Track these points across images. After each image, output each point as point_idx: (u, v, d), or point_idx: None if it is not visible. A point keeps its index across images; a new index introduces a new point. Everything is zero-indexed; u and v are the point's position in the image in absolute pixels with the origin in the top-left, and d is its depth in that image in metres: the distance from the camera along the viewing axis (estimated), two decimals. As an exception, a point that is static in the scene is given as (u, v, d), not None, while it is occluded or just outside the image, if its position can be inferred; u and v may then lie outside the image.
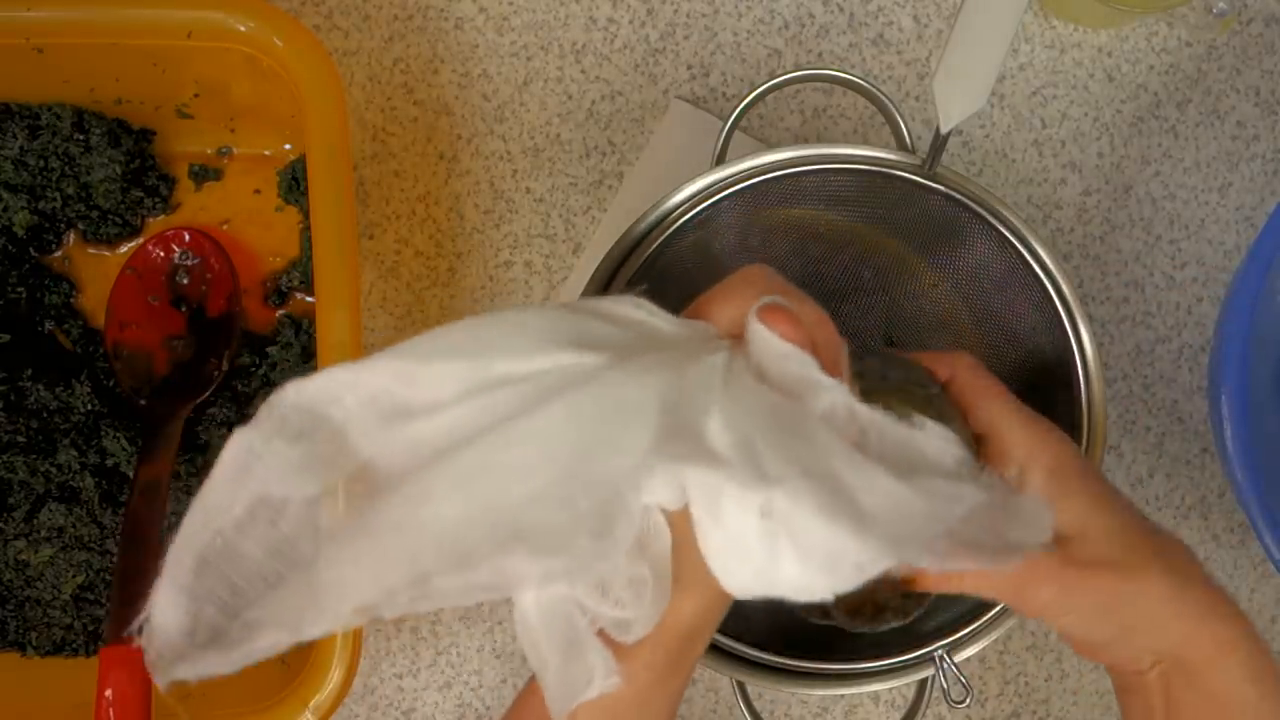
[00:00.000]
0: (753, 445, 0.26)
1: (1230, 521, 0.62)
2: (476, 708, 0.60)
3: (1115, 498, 0.37)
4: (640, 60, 0.60)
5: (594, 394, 0.26)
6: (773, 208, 0.50)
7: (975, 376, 0.39)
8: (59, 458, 0.55)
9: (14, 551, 0.55)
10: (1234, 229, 0.61)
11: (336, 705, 0.47)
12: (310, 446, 0.25)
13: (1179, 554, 0.36)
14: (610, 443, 0.25)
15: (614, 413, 0.26)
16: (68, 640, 0.55)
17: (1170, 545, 0.36)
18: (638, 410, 0.26)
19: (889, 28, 0.61)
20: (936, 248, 0.52)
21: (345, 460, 0.26)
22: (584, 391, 0.25)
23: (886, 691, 0.61)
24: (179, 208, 0.59)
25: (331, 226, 0.48)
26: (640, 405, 0.26)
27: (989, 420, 0.38)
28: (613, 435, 0.25)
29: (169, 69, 0.53)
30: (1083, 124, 0.61)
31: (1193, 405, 0.61)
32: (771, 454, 0.26)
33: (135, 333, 0.57)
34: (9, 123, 0.54)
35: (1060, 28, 0.61)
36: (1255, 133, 0.61)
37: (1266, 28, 0.61)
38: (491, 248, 0.60)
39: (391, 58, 0.60)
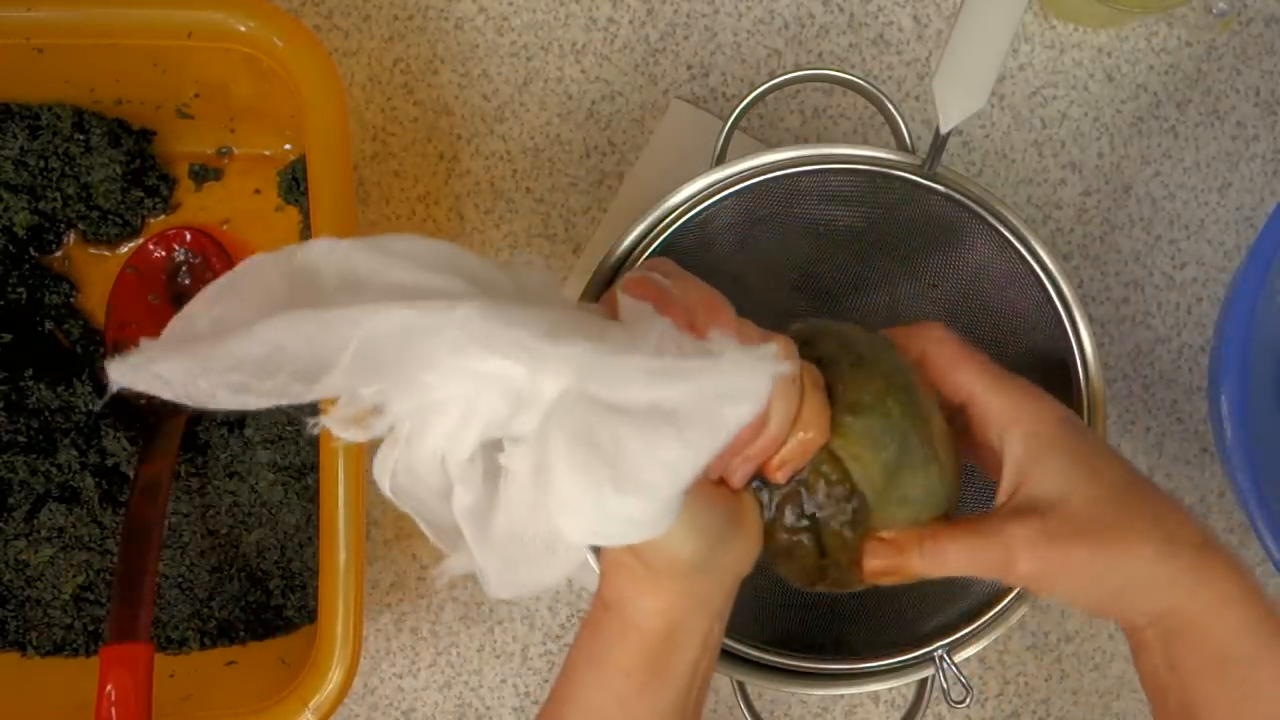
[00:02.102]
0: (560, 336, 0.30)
1: (1230, 521, 0.62)
2: (476, 708, 0.60)
3: (1100, 459, 0.36)
4: (640, 60, 0.60)
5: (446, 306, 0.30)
6: (773, 208, 0.50)
7: (944, 347, 0.39)
8: (59, 457, 0.55)
9: (14, 551, 0.55)
10: (1234, 229, 0.62)
11: (336, 705, 0.47)
12: (295, 294, 0.31)
13: (1170, 513, 0.36)
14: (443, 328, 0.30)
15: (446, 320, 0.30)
16: (68, 640, 0.55)
17: (1160, 505, 0.36)
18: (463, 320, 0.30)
19: (889, 28, 0.61)
20: (936, 248, 0.52)
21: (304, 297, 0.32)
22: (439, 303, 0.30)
23: (886, 691, 0.61)
24: (179, 208, 0.59)
25: (331, 226, 0.48)
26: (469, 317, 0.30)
27: (965, 388, 0.38)
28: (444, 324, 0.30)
29: (169, 69, 0.53)
30: (1083, 124, 0.61)
31: (1193, 405, 0.61)
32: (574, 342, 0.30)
33: (136, 332, 0.57)
34: (9, 123, 0.54)
35: (1060, 28, 0.61)
36: (1255, 133, 0.61)
37: (1266, 28, 0.61)
38: (491, 248, 0.60)
39: (391, 58, 0.60)
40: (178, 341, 0.31)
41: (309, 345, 0.29)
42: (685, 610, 0.34)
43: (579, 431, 0.30)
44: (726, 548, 0.34)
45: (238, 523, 0.57)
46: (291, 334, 0.29)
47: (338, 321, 0.29)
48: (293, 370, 0.29)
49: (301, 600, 0.57)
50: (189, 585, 0.56)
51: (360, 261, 0.32)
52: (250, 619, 0.57)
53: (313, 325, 0.29)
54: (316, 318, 0.29)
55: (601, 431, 0.30)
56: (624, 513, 0.30)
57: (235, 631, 0.56)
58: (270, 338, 0.29)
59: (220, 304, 0.31)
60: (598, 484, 0.29)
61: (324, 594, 0.47)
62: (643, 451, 0.29)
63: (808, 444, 0.35)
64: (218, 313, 0.31)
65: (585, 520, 0.30)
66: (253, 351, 0.29)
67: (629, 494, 0.29)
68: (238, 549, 0.57)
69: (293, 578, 0.57)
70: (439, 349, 0.30)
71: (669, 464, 0.29)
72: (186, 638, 0.56)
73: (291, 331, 0.29)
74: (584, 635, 0.36)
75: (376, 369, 0.30)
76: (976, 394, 0.38)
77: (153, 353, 0.31)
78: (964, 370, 0.38)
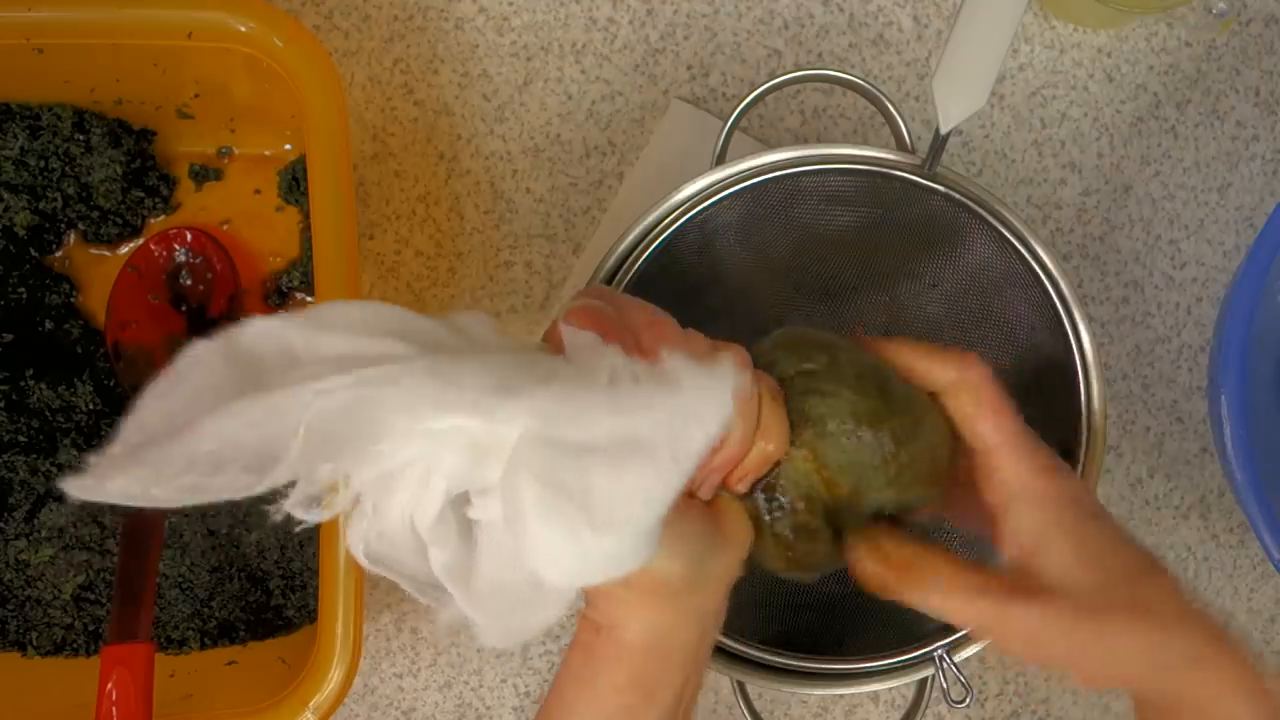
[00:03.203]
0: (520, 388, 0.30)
1: (1230, 521, 0.62)
2: (476, 708, 0.60)
3: (1106, 546, 0.36)
4: (640, 60, 0.60)
5: (390, 373, 0.29)
6: (773, 208, 0.50)
7: (980, 391, 0.38)
8: (60, 457, 0.55)
9: (14, 551, 0.55)
10: (1234, 229, 0.62)
11: (336, 705, 0.47)
12: (240, 373, 0.31)
13: (1178, 599, 0.36)
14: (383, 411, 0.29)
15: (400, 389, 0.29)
16: (68, 640, 0.55)
17: (1169, 591, 0.36)
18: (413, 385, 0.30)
19: (889, 28, 0.61)
20: (936, 248, 0.52)
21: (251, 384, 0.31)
22: (382, 370, 0.30)
23: (886, 691, 0.61)
24: (179, 208, 0.59)
25: (331, 226, 0.48)
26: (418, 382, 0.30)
27: (986, 440, 0.38)
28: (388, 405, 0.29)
29: (169, 69, 0.53)
30: (1082, 124, 0.61)
31: (1193, 405, 0.61)
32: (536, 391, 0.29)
33: (136, 332, 0.57)
34: (9, 123, 0.54)
35: (1060, 28, 0.61)
36: (1255, 133, 0.61)
37: (1266, 28, 0.62)
38: (491, 248, 0.60)
39: (391, 58, 0.60)
40: (131, 447, 0.31)
41: (256, 433, 0.29)
42: (678, 626, 0.34)
43: (545, 475, 0.29)
44: (713, 558, 0.34)
45: (238, 523, 0.57)
46: (236, 424, 0.29)
47: (281, 404, 0.29)
48: (243, 462, 0.29)
49: (302, 600, 0.57)
50: (189, 585, 0.56)
51: (295, 338, 0.31)
52: (250, 619, 0.57)
53: (256, 411, 0.29)
54: (258, 404, 0.29)
55: (568, 473, 0.29)
56: (605, 551, 0.29)
57: (235, 631, 0.56)
58: (215, 431, 0.29)
59: (169, 400, 0.31)
60: (573, 526, 0.29)
61: (324, 594, 0.47)
62: (613, 487, 0.29)
63: (768, 455, 0.35)
64: (167, 409, 0.31)
65: (566, 564, 0.29)
66: (201, 448, 0.29)
67: (607, 532, 0.29)
68: (238, 549, 0.57)
69: (293, 578, 0.57)
70: (389, 416, 0.29)
71: (642, 495, 0.29)
72: (187, 638, 0.56)
73: (235, 422, 0.29)
74: (573, 658, 0.35)
75: (329, 447, 0.29)
76: (994, 451, 0.37)
77: (108, 468, 0.30)
78: (991, 423, 0.38)
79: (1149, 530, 0.61)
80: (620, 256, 0.48)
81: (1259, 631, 0.62)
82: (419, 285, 0.60)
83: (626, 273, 0.48)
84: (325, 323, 0.31)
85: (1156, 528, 0.62)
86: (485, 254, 0.60)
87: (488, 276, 0.60)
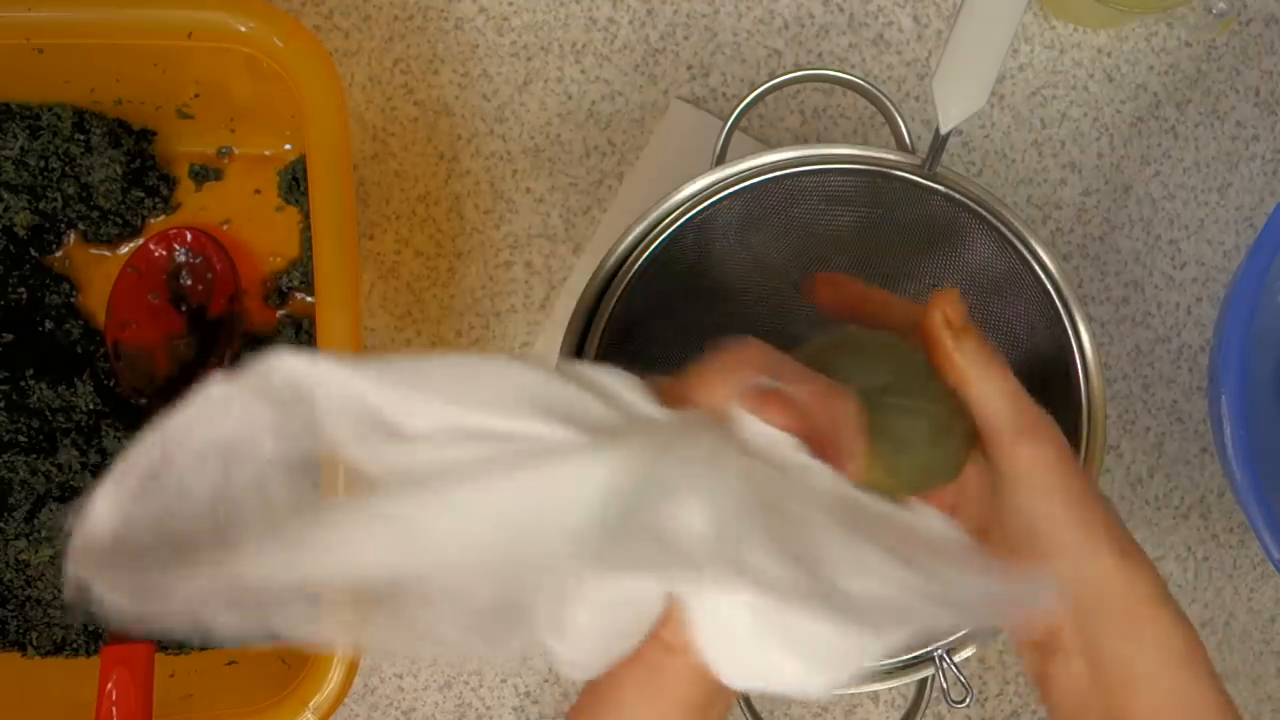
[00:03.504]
0: (733, 533, 0.25)
1: (1230, 521, 0.62)
2: (476, 708, 0.60)
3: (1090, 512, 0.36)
4: (640, 60, 0.60)
5: (556, 474, 0.25)
6: (773, 208, 0.50)
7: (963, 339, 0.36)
8: (60, 457, 0.55)
9: (14, 551, 0.55)
10: (1234, 229, 0.62)
11: (336, 705, 0.47)
12: (287, 418, 0.25)
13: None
14: (552, 532, 0.25)
15: (567, 499, 0.25)
16: (68, 640, 0.56)
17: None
18: (590, 500, 0.25)
19: (889, 28, 0.61)
20: (936, 248, 0.52)
21: (312, 444, 0.26)
22: (546, 469, 0.25)
23: (886, 691, 0.61)
24: (179, 208, 0.59)
25: (331, 226, 0.48)
26: (595, 495, 0.25)
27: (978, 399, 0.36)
28: (558, 524, 0.25)
29: (169, 69, 0.53)
30: (1082, 124, 0.61)
31: (1193, 405, 0.61)
32: (755, 541, 0.25)
33: (136, 332, 0.57)
34: (9, 123, 0.54)
35: (1060, 28, 0.61)
36: (1255, 133, 0.61)
37: (1266, 28, 0.62)
38: (491, 248, 0.60)
39: (391, 58, 0.60)
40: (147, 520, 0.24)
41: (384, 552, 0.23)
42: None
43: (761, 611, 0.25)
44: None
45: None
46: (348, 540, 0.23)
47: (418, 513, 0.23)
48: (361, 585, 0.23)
49: (301, 600, 0.57)
50: (189, 585, 0.56)
51: (369, 391, 0.25)
52: (250, 619, 0.57)
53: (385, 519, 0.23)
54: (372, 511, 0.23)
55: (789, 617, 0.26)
56: (798, 681, 0.27)
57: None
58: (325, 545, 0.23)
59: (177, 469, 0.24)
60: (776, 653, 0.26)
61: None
62: (833, 640, 0.26)
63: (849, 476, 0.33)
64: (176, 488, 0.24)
65: (746, 675, 0.27)
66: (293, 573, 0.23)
67: (816, 674, 0.26)
68: (238, 549, 0.57)
69: (293, 578, 0.57)
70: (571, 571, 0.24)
71: (862, 654, 0.26)
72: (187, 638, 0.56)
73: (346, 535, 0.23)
74: (637, 673, 0.33)
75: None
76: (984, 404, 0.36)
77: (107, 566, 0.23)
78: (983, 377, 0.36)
79: (1149, 530, 0.61)
80: (620, 256, 0.48)
81: (1259, 631, 0.62)
82: (419, 285, 0.60)
83: (626, 273, 0.48)
84: (428, 385, 0.25)
85: (1156, 528, 0.62)
86: (485, 254, 0.60)
87: (488, 276, 0.60)
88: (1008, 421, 0.35)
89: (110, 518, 0.24)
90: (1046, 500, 0.35)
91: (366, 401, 0.25)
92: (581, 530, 0.24)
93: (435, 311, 0.60)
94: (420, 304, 0.60)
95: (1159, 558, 0.62)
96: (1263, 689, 0.62)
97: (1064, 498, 0.35)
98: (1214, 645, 0.62)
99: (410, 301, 0.60)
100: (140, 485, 0.24)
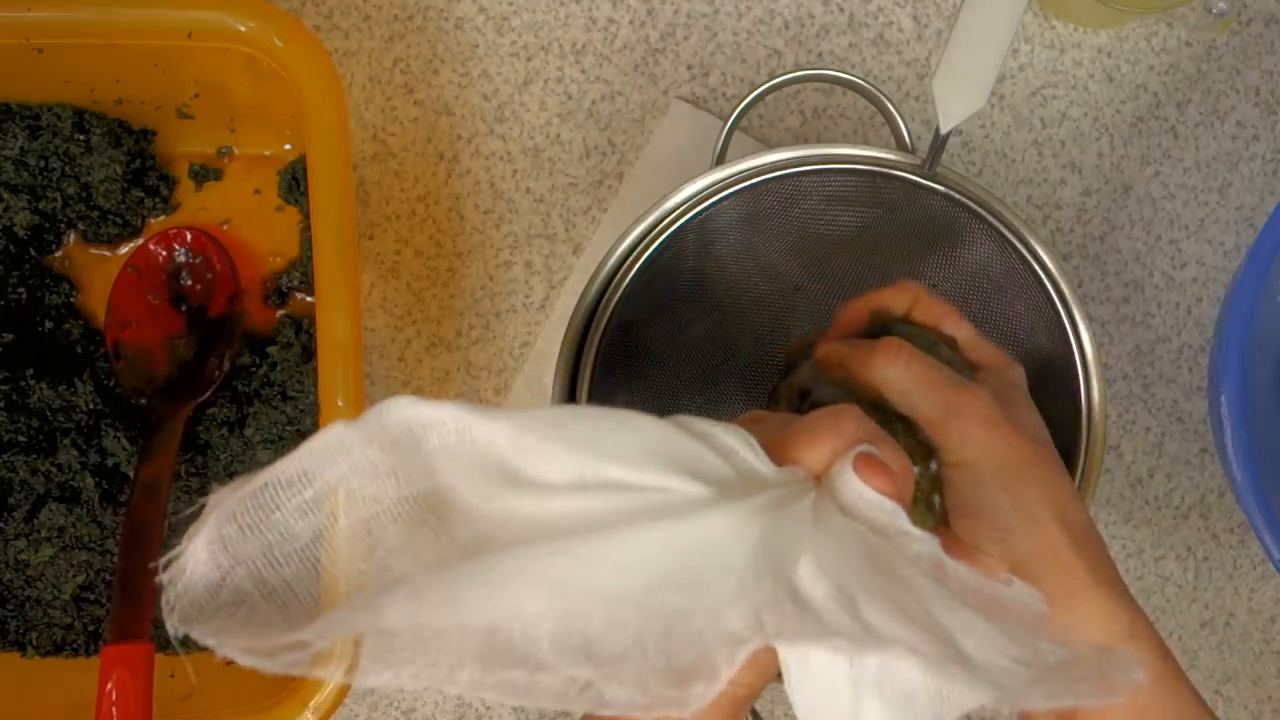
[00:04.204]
0: (849, 593, 0.25)
1: (1230, 521, 0.62)
2: (476, 708, 0.60)
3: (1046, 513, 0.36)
4: (640, 60, 0.60)
5: (696, 530, 0.25)
6: (773, 208, 0.50)
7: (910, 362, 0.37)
8: (59, 457, 0.55)
9: (14, 551, 0.55)
10: (1234, 229, 0.62)
11: (336, 705, 0.47)
12: (402, 463, 0.25)
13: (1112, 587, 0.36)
14: (701, 585, 0.25)
15: (711, 553, 0.25)
16: (68, 640, 0.55)
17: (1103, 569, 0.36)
18: (731, 556, 0.25)
19: (889, 28, 0.61)
20: (936, 248, 0.52)
21: (426, 488, 0.26)
22: (686, 524, 0.25)
23: (886, 691, 0.61)
24: (179, 208, 0.59)
25: (331, 226, 0.48)
26: (735, 551, 0.25)
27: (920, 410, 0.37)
28: (705, 578, 0.25)
29: (169, 69, 0.53)
30: (1082, 124, 0.61)
31: (1193, 405, 0.61)
32: (869, 601, 0.25)
33: (136, 332, 0.57)
34: (9, 123, 0.54)
35: (1060, 28, 0.61)
36: (1255, 133, 0.61)
37: (1266, 28, 0.61)
38: (491, 248, 0.60)
39: (391, 58, 0.60)
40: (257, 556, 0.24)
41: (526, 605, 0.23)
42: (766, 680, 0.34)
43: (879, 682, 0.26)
44: None
45: (238, 523, 0.57)
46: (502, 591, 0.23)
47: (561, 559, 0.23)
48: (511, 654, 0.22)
49: (301, 600, 0.57)
50: (189, 585, 0.56)
51: (498, 438, 0.25)
52: (250, 619, 0.57)
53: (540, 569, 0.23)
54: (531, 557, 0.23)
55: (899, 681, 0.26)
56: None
57: (235, 631, 0.56)
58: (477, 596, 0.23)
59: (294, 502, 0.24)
60: (870, 701, 0.26)
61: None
62: (926, 694, 0.26)
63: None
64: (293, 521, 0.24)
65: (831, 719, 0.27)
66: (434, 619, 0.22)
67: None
68: (238, 549, 0.57)
69: (293, 578, 0.57)
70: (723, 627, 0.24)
71: (947, 705, 0.26)
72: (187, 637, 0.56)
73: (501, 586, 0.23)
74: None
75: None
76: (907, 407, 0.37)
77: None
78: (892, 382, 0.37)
79: (1149, 530, 0.61)
80: (620, 256, 0.48)
81: (1259, 631, 0.62)
82: (419, 285, 0.60)
83: (627, 273, 0.48)
84: (566, 435, 0.25)
85: (1156, 528, 0.62)
86: (485, 254, 0.60)
87: (488, 276, 0.60)
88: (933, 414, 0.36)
89: (210, 570, 0.24)
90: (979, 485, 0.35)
91: (489, 449, 0.25)
92: (737, 583, 0.24)
93: (435, 311, 0.60)
94: (420, 304, 0.60)
95: (1159, 558, 0.62)
96: (1263, 689, 0.62)
97: (993, 478, 0.35)
98: (1214, 645, 0.62)
99: (410, 301, 0.60)
100: (243, 532, 0.24)
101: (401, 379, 0.60)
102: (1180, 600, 0.62)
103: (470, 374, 0.60)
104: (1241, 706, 0.62)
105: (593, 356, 0.48)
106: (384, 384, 0.60)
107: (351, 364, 0.48)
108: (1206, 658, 0.62)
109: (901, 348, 0.37)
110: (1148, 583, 0.62)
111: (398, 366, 0.60)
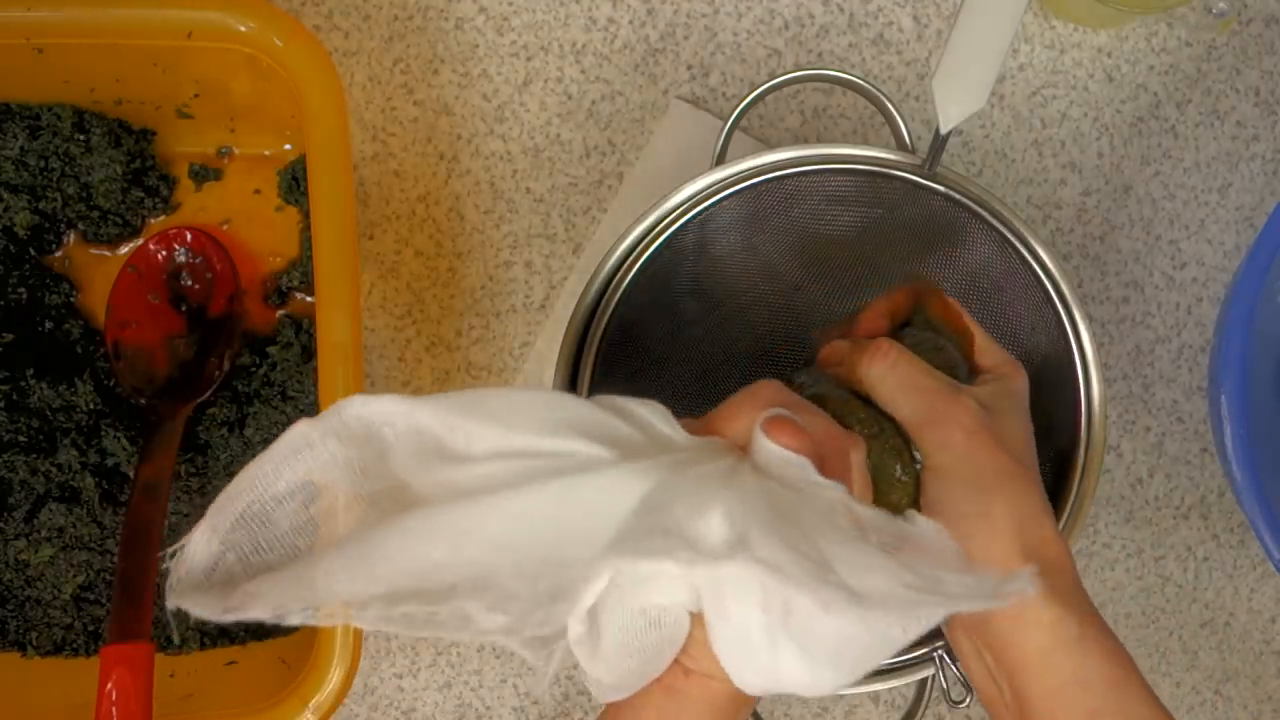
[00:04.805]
0: (747, 537, 0.28)
1: (1230, 521, 0.62)
2: (476, 708, 0.60)
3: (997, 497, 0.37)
4: (640, 60, 0.60)
5: (589, 484, 0.28)
6: (773, 208, 0.50)
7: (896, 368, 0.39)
8: (59, 457, 0.55)
9: (14, 551, 0.55)
10: (1234, 229, 0.62)
11: (336, 705, 0.47)
12: (359, 453, 0.29)
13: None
14: (590, 529, 0.28)
15: (598, 505, 0.28)
16: (68, 640, 0.55)
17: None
18: (618, 506, 0.29)
19: (889, 28, 0.61)
20: (936, 248, 0.52)
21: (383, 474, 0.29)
22: (580, 480, 0.28)
23: (886, 691, 0.61)
24: (179, 208, 0.59)
25: (331, 226, 0.48)
26: (623, 502, 0.29)
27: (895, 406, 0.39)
28: (589, 526, 0.28)
29: (169, 69, 0.53)
30: (1082, 124, 0.61)
31: (1193, 405, 0.61)
32: (762, 540, 0.28)
33: (136, 332, 0.57)
34: (9, 123, 0.54)
35: (1060, 28, 0.61)
36: (1255, 133, 0.61)
37: (1266, 28, 0.62)
38: (491, 248, 0.60)
39: (391, 58, 0.60)
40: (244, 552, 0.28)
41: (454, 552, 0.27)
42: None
43: (770, 609, 0.28)
44: None
45: (238, 523, 0.57)
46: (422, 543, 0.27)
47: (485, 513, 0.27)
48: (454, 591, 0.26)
49: (301, 600, 0.57)
50: (189, 585, 0.56)
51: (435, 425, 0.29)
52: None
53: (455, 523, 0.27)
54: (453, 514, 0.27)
55: (796, 617, 0.28)
56: (807, 679, 0.29)
57: (235, 631, 0.56)
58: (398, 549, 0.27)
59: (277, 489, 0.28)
60: (787, 652, 0.28)
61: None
62: (835, 640, 0.28)
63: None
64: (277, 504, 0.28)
65: (760, 676, 0.29)
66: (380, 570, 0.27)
67: (824, 671, 0.28)
68: (238, 549, 0.57)
69: (293, 578, 0.57)
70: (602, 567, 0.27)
71: (864, 655, 0.28)
72: (186, 638, 0.56)
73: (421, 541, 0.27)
74: (655, 696, 0.35)
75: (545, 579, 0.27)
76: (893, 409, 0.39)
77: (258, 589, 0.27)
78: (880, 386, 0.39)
79: (1149, 530, 0.61)
80: (620, 256, 0.48)
81: (1259, 631, 0.62)
82: (419, 285, 0.60)
83: (627, 273, 0.48)
84: (484, 413, 0.29)
85: (1156, 528, 0.62)
86: (485, 254, 0.60)
87: (488, 276, 0.60)
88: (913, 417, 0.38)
89: (206, 555, 0.28)
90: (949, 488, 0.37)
91: (428, 432, 0.29)
92: (617, 529, 0.28)
93: (435, 311, 0.60)
94: (420, 304, 0.60)
95: (1159, 558, 0.62)
96: (1263, 689, 0.62)
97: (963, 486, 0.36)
98: (1214, 645, 0.62)
99: (410, 301, 0.60)
100: (233, 524, 0.28)
101: (401, 379, 0.60)
102: (1180, 600, 0.62)
103: (470, 374, 0.60)
104: (1241, 706, 0.62)
105: (593, 356, 0.48)
106: (384, 384, 0.60)
107: (351, 364, 0.48)
108: (1206, 658, 0.62)
109: (891, 349, 0.38)
110: (1148, 583, 0.62)
111: (398, 366, 0.60)
